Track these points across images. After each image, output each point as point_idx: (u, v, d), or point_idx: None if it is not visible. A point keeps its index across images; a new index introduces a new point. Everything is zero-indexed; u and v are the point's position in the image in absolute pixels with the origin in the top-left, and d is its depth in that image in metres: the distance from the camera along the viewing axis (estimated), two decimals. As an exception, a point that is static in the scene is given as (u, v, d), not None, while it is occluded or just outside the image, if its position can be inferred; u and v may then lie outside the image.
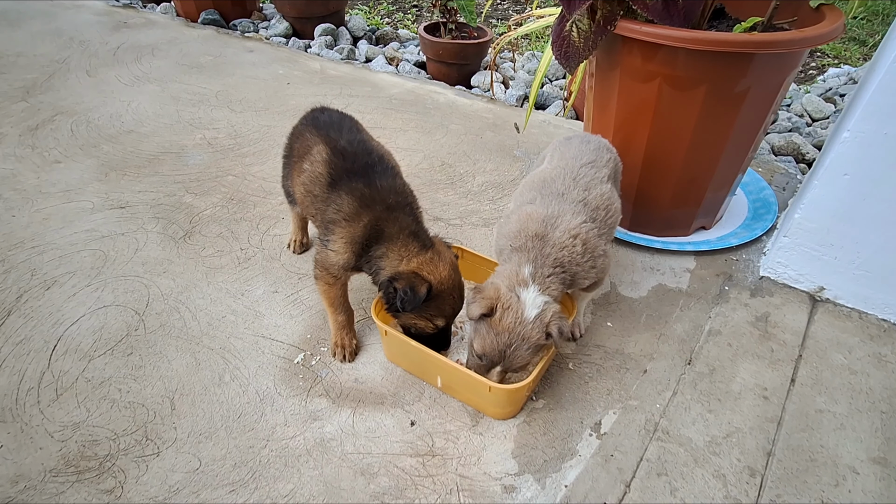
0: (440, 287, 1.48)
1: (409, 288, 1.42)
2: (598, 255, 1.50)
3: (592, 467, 1.42)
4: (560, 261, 1.44)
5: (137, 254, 2.02)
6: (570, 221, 1.47)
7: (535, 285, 1.40)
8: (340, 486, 1.37)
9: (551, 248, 1.44)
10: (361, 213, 1.51)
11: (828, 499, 1.37)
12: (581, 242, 1.46)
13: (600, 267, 1.52)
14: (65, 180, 2.38)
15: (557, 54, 1.72)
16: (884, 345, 1.76)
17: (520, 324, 1.37)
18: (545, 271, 1.42)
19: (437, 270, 1.48)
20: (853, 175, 1.67)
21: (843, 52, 4.29)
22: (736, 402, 1.59)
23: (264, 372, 1.63)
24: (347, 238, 1.52)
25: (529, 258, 1.44)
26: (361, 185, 1.54)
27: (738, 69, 1.66)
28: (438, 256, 1.51)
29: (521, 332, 1.37)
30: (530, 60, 3.77)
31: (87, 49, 3.60)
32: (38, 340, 1.69)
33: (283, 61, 3.57)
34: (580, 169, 1.60)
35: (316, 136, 1.70)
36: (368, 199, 1.52)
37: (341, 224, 1.53)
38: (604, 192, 1.58)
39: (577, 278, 1.49)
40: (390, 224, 1.50)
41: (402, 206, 1.54)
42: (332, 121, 1.74)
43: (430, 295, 1.45)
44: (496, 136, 2.82)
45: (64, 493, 1.33)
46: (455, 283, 1.53)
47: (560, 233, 1.46)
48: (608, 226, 1.58)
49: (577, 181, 1.58)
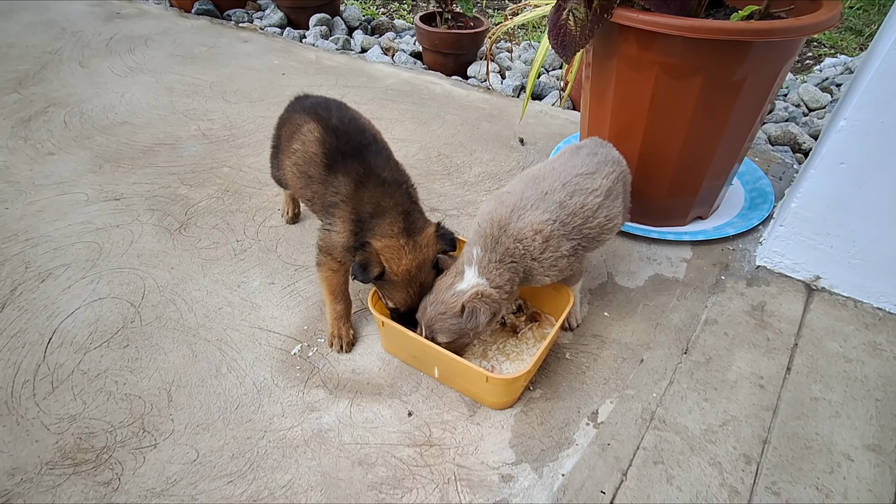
0: (393, 277, 1.48)
1: (363, 264, 1.44)
2: (560, 255, 1.49)
3: (589, 456, 1.43)
4: (512, 252, 1.46)
5: (133, 246, 2.01)
6: (537, 217, 1.48)
7: (476, 266, 1.46)
8: (338, 476, 1.37)
9: (507, 237, 1.46)
10: (359, 191, 1.52)
11: (822, 485, 1.38)
12: (542, 239, 1.46)
13: (563, 267, 1.51)
14: (58, 172, 2.36)
15: (554, 43, 1.71)
16: (879, 333, 1.76)
17: (447, 288, 1.47)
18: (493, 257, 1.46)
19: (400, 261, 1.47)
20: (850, 164, 1.67)
21: (840, 42, 4.28)
22: (732, 390, 1.59)
23: (261, 363, 1.63)
24: (346, 217, 1.52)
25: (484, 243, 1.48)
26: (357, 164, 1.54)
27: (736, 58, 1.65)
28: (412, 247, 1.48)
29: (444, 297, 1.46)
30: (527, 50, 3.75)
31: (79, 40, 3.56)
32: (33, 333, 1.68)
33: (278, 52, 3.54)
34: (574, 178, 1.59)
35: (305, 116, 1.69)
36: (364, 177, 1.53)
37: (340, 206, 1.53)
38: (588, 203, 1.55)
39: (534, 273, 1.50)
40: (385, 199, 1.50)
41: (398, 183, 1.55)
42: (318, 102, 1.74)
43: (381, 277, 1.47)
44: (493, 126, 2.81)
45: (61, 485, 1.33)
46: (411, 278, 1.49)
47: (522, 224, 1.47)
48: (584, 235, 1.55)
49: (565, 186, 1.56)
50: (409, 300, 1.52)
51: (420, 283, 1.51)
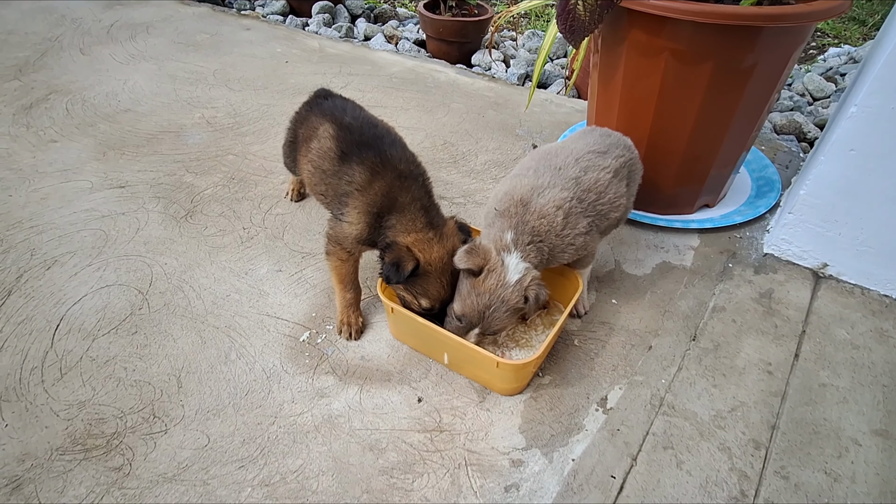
0: (427, 268, 1.47)
1: (395, 262, 1.43)
2: (578, 232, 1.50)
3: (599, 441, 1.43)
4: (538, 230, 1.45)
5: (139, 233, 2.00)
6: (557, 194, 1.49)
7: (517, 251, 1.44)
8: (349, 461, 1.37)
9: (531, 215, 1.46)
10: (374, 182, 1.51)
11: (831, 470, 1.38)
12: (563, 214, 1.47)
13: (579, 246, 1.51)
14: (62, 160, 2.35)
15: (562, 28, 1.70)
16: (886, 320, 1.77)
17: (501, 286, 1.41)
18: (525, 239, 1.45)
19: (431, 251, 1.47)
20: (859, 150, 1.67)
21: (844, 32, 4.26)
22: (740, 377, 1.60)
23: (270, 350, 1.63)
24: (361, 208, 1.51)
25: (511, 224, 1.46)
26: (372, 154, 1.54)
27: (746, 44, 1.64)
28: (439, 238, 1.50)
29: (502, 295, 1.41)
30: (531, 39, 3.73)
31: (79, 27, 3.53)
32: (40, 320, 1.68)
33: (281, 39, 3.51)
34: (586, 154, 1.60)
35: (321, 118, 1.72)
36: (380, 166, 1.52)
37: (354, 195, 1.52)
38: (601, 178, 1.56)
39: (556, 251, 1.50)
40: (403, 193, 1.49)
41: (415, 177, 1.54)
42: (335, 105, 1.76)
43: (415, 273, 1.45)
44: (498, 114, 2.80)
45: (71, 470, 1.33)
46: (445, 269, 1.50)
47: (544, 201, 1.47)
48: (597, 212, 1.56)
49: (578, 161, 1.58)
50: (444, 292, 1.52)
51: (451, 273, 1.51)
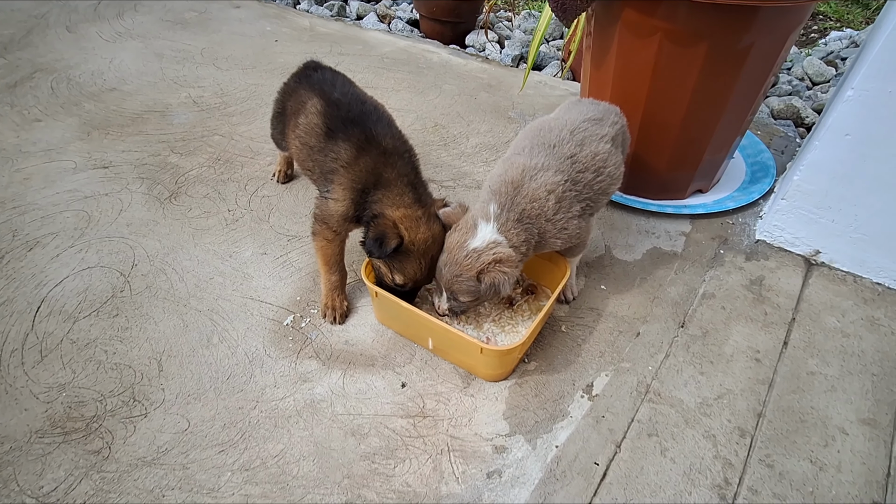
0: (410, 247, 1.44)
1: (379, 237, 1.40)
2: (571, 216, 1.46)
3: (583, 428, 1.42)
4: (528, 212, 1.41)
5: (122, 214, 1.97)
6: (550, 178, 1.44)
7: (495, 223, 1.40)
8: (331, 446, 1.36)
9: (522, 197, 1.42)
10: (359, 158, 1.49)
11: (816, 458, 1.37)
12: (555, 199, 1.43)
13: (573, 232, 1.47)
14: (46, 139, 2.30)
15: (554, 7, 1.66)
16: (877, 308, 1.75)
17: (458, 247, 1.39)
18: (510, 215, 1.40)
19: (418, 230, 1.44)
20: (855, 135, 1.64)
21: (846, 16, 4.19)
22: (728, 364, 1.58)
23: (253, 334, 1.61)
24: (346, 184, 1.49)
25: (500, 201, 1.42)
26: (358, 131, 1.51)
27: (742, 24, 1.60)
28: (427, 218, 1.47)
29: (457, 257, 1.38)
30: (527, 20, 3.66)
31: (66, 4, 3.45)
32: (20, 302, 1.65)
33: (271, 18, 3.44)
34: (581, 123, 1.55)
35: (309, 92, 1.69)
36: (365, 143, 1.50)
37: (339, 172, 1.50)
38: (599, 151, 1.52)
39: (547, 236, 1.45)
40: (388, 169, 1.47)
41: (401, 153, 1.51)
42: (324, 78, 1.72)
43: (398, 249, 1.42)
44: (491, 97, 2.75)
45: (50, 453, 1.32)
46: (427, 250, 1.47)
47: (536, 185, 1.43)
48: (595, 190, 1.52)
49: (573, 134, 1.53)
50: (420, 273, 1.49)
51: (431, 257, 1.48)
